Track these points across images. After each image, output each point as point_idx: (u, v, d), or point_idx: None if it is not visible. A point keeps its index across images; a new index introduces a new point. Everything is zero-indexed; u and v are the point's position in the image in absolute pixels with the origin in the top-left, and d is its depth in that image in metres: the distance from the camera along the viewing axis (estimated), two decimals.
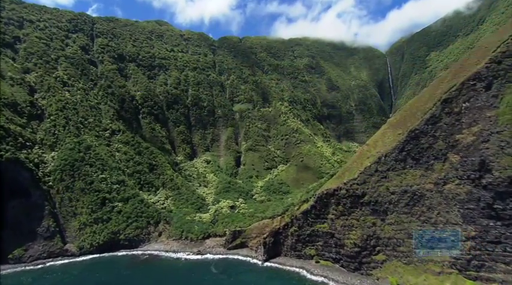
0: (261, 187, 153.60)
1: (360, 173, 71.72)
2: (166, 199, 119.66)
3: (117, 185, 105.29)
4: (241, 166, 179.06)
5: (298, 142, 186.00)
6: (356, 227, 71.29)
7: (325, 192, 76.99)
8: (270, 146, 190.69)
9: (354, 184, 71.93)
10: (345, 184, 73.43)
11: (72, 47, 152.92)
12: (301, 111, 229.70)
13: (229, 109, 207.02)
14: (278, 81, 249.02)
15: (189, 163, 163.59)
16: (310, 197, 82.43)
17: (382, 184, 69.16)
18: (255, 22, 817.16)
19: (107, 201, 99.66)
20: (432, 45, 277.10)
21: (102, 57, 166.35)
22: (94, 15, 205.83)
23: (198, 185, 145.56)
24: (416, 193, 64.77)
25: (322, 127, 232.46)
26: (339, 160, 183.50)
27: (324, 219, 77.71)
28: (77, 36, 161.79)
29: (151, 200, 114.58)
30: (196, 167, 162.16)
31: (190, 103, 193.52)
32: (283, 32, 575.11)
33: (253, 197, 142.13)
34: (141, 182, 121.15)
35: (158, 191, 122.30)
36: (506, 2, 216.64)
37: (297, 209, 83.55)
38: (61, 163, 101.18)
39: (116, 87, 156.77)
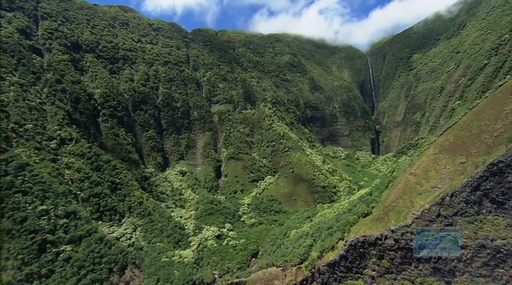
0: (248, 205, 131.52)
1: (416, 218, 52.35)
2: (134, 231, 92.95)
3: (64, 220, 76.40)
4: (223, 178, 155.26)
5: (286, 149, 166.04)
6: None
7: (361, 239, 56.85)
8: (254, 154, 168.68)
9: (406, 232, 52.43)
10: (392, 231, 53.72)
11: (6, 28, 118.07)
12: (284, 113, 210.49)
13: (207, 111, 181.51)
14: (259, 79, 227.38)
15: (160, 176, 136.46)
16: (337, 241, 61.90)
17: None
18: (233, 13, 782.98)
19: (48, 245, 70.60)
20: (414, 47, 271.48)
21: (50, 45, 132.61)
22: None
23: (174, 205, 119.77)
24: (501, 249, 46.72)
25: (306, 130, 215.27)
26: (330, 169, 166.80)
27: (358, 274, 57.70)
28: (14, 16, 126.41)
29: (114, 235, 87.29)
30: (169, 181, 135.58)
31: (161, 103, 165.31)
32: (262, 26, 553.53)
33: (241, 219, 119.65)
34: (101, 210, 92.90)
35: (123, 220, 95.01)
36: (486, 9, 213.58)
37: (318, 257, 62.70)
38: None
39: (68, 82, 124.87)
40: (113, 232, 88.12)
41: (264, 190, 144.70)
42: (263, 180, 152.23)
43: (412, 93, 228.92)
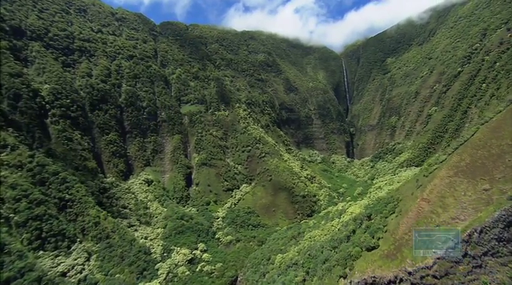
0: (223, 218, 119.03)
1: (437, 258, 43.51)
2: (88, 260, 76.61)
3: None
4: (194, 187, 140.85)
5: (263, 154, 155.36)
6: None
7: (370, 281, 47.18)
8: (228, 160, 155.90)
9: (427, 275, 43.43)
10: (409, 273, 44.54)
11: None
12: (260, 114, 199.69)
13: (176, 112, 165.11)
14: (233, 78, 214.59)
15: (122, 187, 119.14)
16: (337, 280, 51.88)
17: (477, 277, 42.03)
18: (206, 7, 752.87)
19: None
20: (388, 51, 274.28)
21: None
22: None
23: (138, 222, 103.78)
24: None
25: (282, 133, 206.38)
26: (309, 176, 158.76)
27: None
28: None
29: (60, 269, 70.60)
30: (133, 193, 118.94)
31: (124, 103, 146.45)
32: (236, 21, 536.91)
33: (216, 236, 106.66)
34: (43, 236, 75.27)
35: (73, 247, 78.06)
36: (454, 18, 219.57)
37: None
38: None
39: (5, 75, 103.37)
40: (58, 265, 71.29)
41: (239, 200, 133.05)
42: (238, 189, 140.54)
43: (387, 97, 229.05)
